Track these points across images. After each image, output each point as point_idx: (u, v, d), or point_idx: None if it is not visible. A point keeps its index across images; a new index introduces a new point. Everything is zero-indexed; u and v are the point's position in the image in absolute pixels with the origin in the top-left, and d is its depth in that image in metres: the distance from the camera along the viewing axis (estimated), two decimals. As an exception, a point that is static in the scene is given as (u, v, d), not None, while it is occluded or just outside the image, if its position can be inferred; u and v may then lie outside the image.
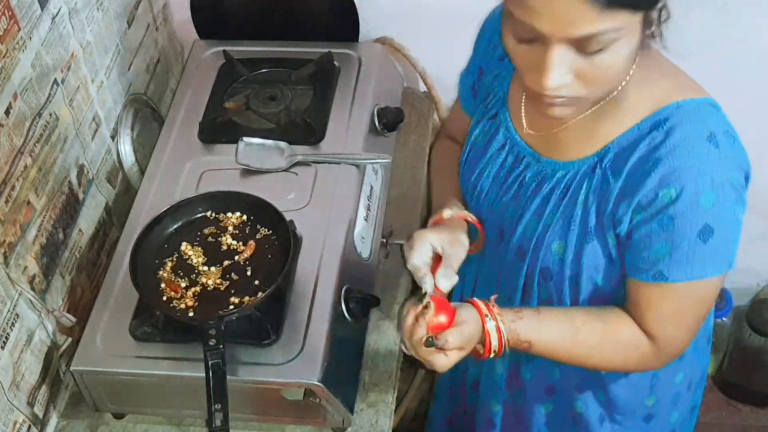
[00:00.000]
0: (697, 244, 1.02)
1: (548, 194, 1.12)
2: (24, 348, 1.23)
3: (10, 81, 1.18)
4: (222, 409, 1.10)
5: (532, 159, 1.14)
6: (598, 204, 1.07)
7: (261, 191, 1.33)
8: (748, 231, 2.04)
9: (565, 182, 1.10)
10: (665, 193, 1.00)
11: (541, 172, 1.13)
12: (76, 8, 1.37)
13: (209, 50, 1.67)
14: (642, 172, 1.01)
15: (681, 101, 1.02)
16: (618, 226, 1.05)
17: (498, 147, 1.19)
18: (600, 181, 1.06)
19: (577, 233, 1.09)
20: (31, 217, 1.25)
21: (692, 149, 0.99)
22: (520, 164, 1.16)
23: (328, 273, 1.29)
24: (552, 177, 1.11)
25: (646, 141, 1.02)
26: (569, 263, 1.12)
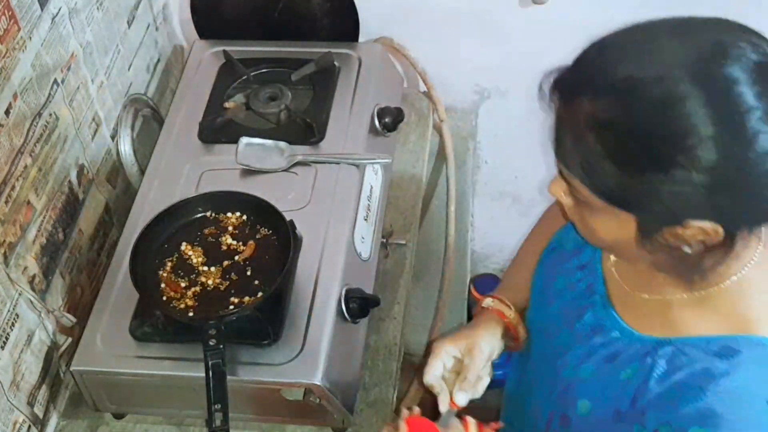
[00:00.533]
0: None
1: (597, 348, 0.99)
2: (24, 348, 1.23)
3: (10, 81, 1.18)
4: (222, 410, 1.10)
5: (600, 300, 1.01)
6: (634, 393, 0.92)
7: (261, 191, 1.33)
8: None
9: (616, 347, 0.96)
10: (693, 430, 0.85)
11: (601, 321, 1.00)
12: (76, 8, 1.36)
13: (209, 50, 1.67)
14: (684, 392, 0.87)
15: (766, 339, 0.85)
16: (641, 428, 0.91)
17: (579, 264, 1.06)
18: (647, 373, 0.91)
19: (606, 406, 0.95)
20: (31, 217, 1.25)
21: (745, 404, 0.84)
22: (588, 298, 1.02)
23: (328, 273, 1.29)
24: (608, 333, 0.98)
25: (704, 362, 0.86)
26: (591, 428, 0.98)
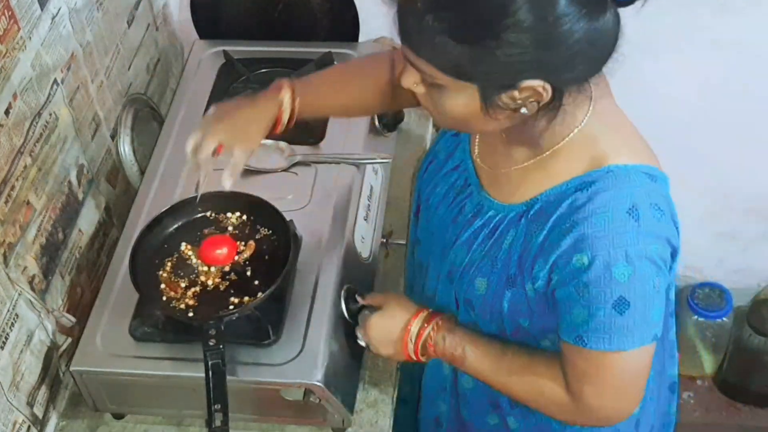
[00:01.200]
0: (614, 315, 0.99)
1: (479, 229, 1.11)
2: (24, 348, 1.23)
3: (10, 81, 1.18)
4: (222, 410, 1.10)
5: (475, 189, 1.13)
6: (520, 255, 1.05)
7: (261, 191, 1.33)
8: (748, 232, 2.07)
9: (494, 223, 1.09)
10: (578, 259, 0.98)
11: (478, 205, 1.12)
12: (76, 8, 1.36)
13: (209, 50, 1.67)
14: (560, 231, 1.00)
15: (613, 166, 1.00)
16: (535, 282, 1.04)
17: (453, 166, 1.18)
18: (524, 233, 1.05)
19: (498, 277, 1.08)
20: (30, 217, 1.25)
21: (609, 220, 0.97)
22: (465, 190, 1.15)
23: (328, 273, 1.29)
24: (485, 213, 1.10)
25: (569, 200, 1.00)
26: (490, 302, 1.10)
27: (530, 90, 0.92)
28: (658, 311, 1.01)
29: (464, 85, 0.93)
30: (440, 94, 0.96)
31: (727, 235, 2.05)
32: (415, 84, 0.98)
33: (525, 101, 0.94)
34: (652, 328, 1.01)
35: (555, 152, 1.03)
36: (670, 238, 1.01)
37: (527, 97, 0.93)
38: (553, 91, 0.93)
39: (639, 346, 1.01)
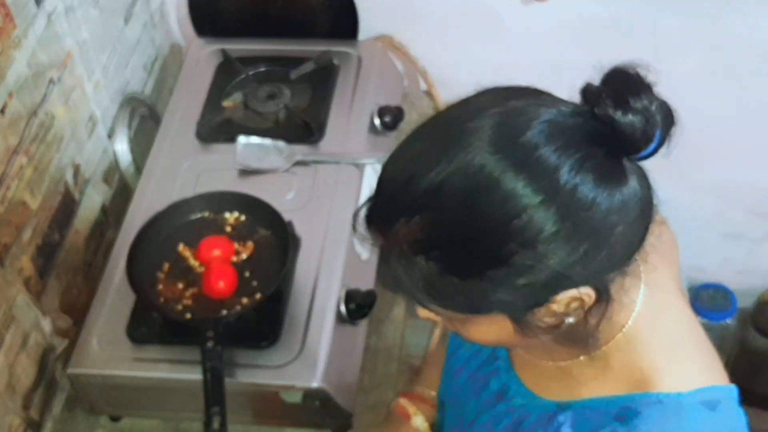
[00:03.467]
0: None
1: (502, 415, 0.96)
2: (19, 350, 1.22)
3: (5, 80, 1.17)
4: (220, 412, 1.09)
5: (503, 366, 0.98)
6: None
7: (259, 191, 1.32)
8: (753, 232, 2.06)
9: (519, 414, 0.94)
10: None
11: (504, 386, 0.97)
12: (72, 6, 1.36)
13: (207, 48, 1.66)
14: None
15: (663, 394, 0.82)
16: None
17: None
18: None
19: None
20: (26, 217, 1.24)
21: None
22: (492, 364, 1.00)
23: (328, 274, 1.28)
24: (510, 399, 0.96)
25: (606, 428, 0.83)
26: None
27: (569, 299, 0.77)
28: None
29: (487, 317, 0.79)
30: (463, 325, 0.83)
31: (732, 235, 2.05)
32: (432, 315, 0.84)
33: (567, 310, 0.78)
34: None
35: (600, 355, 0.87)
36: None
37: (568, 305, 0.77)
38: (596, 293, 0.77)
39: None
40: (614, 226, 0.74)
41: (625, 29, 1.61)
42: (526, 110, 0.74)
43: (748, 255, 2.08)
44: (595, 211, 0.72)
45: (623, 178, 0.74)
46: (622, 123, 0.71)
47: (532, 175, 0.71)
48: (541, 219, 0.71)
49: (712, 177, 1.89)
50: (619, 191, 0.73)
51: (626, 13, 1.61)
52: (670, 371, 0.83)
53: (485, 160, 0.71)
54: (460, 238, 0.73)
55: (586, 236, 0.73)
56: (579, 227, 0.72)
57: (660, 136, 0.74)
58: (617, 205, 0.73)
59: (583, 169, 0.71)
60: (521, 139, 0.72)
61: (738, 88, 1.71)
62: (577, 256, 0.73)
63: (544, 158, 0.71)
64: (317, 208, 1.36)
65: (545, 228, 0.71)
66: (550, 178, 0.71)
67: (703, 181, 1.89)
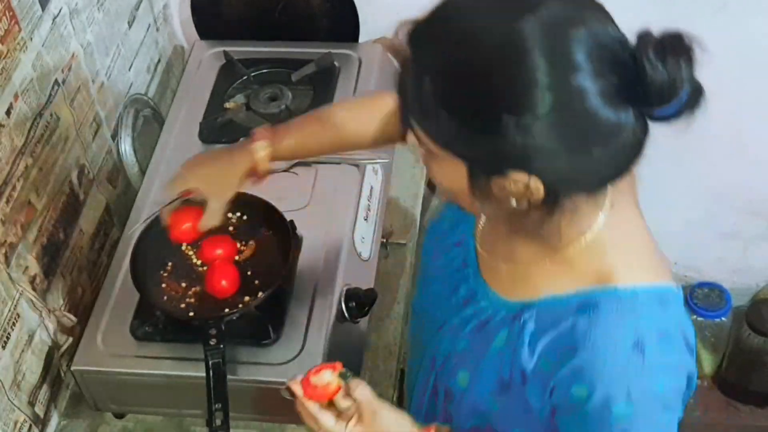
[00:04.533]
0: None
1: (469, 317, 1.01)
2: (25, 348, 1.23)
3: (11, 81, 1.18)
4: (222, 409, 1.10)
5: (472, 272, 1.03)
6: (511, 362, 0.95)
7: (261, 191, 1.33)
8: (748, 232, 2.07)
9: (486, 315, 0.99)
10: (577, 390, 0.89)
11: (472, 291, 1.02)
12: (77, 9, 1.37)
13: (209, 50, 1.67)
14: (558, 356, 0.91)
15: (621, 288, 0.89)
16: (537, 399, 0.94)
17: (455, 241, 1.09)
18: (516, 338, 0.94)
19: (486, 377, 0.97)
20: (32, 217, 1.25)
21: (611, 354, 0.88)
22: (463, 271, 1.05)
23: (328, 273, 1.29)
24: (478, 302, 1.01)
25: (569, 322, 0.90)
26: (473, 400, 1.00)
27: (520, 184, 0.82)
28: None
29: (453, 159, 0.85)
30: (433, 162, 0.89)
31: (726, 234, 2.05)
32: (417, 145, 0.91)
33: (515, 193, 0.83)
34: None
35: (561, 257, 0.93)
36: (683, 365, 0.92)
37: (517, 189, 0.83)
38: (546, 192, 0.83)
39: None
40: (594, 144, 0.80)
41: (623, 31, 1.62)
42: (588, 16, 0.80)
43: (742, 254, 2.09)
44: (586, 120, 0.78)
45: (626, 115, 0.79)
46: (650, 73, 0.76)
47: (555, 61, 0.76)
48: (539, 99, 0.76)
49: (707, 177, 1.90)
50: (618, 121, 0.78)
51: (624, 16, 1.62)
52: (626, 268, 0.91)
53: (528, 31, 0.77)
54: (467, 81, 0.79)
55: (564, 135, 0.78)
56: (564, 124, 0.78)
57: (678, 106, 0.79)
58: (606, 128, 0.78)
59: (598, 84, 0.77)
60: (567, 35, 0.77)
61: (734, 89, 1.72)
62: (548, 146, 0.79)
63: (573, 55, 0.76)
64: (318, 207, 1.37)
65: (538, 108, 0.76)
66: (568, 71, 0.76)
67: (698, 182, 1.90)
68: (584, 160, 0.81)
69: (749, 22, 1.64)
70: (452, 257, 1.08)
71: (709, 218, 2.01)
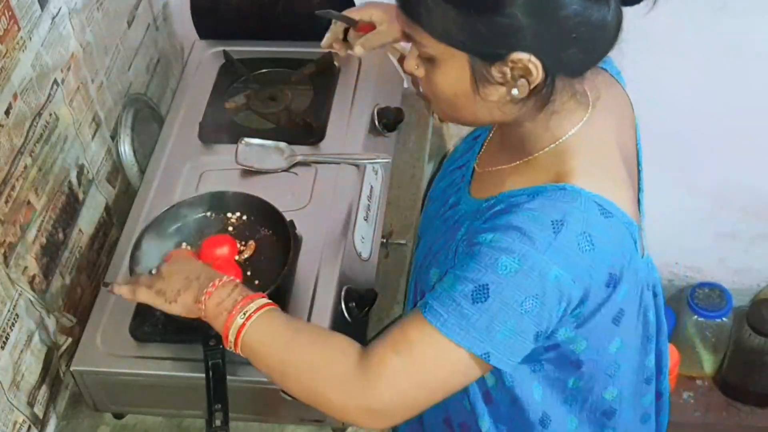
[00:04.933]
0: (467, 298, 0.91)
1: (447, 220, 1.10)
2: (24, 348, 1.23)
3: (10, 81, 1.18)
4: (222, 410, 1.10)
5: (463, 186, 1.12)
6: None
7: (261, 191, 1.33)
8: (749, 232, 2.07)
9: (458, 215, 1.07)
10: (485, 235, 0.94)
11: (457, 199, 1.11)
12: (76, 8, 1.37)
13: (209, 50, 1.67)
14: (491, 218, 0.97)
15: (571, 186, 0.95)
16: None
17: (459, 165, 1.19)
18: (470, 225, 1.02)
19: (446, 268, 1.01)
20: (31, 217, 1.25)
21: (531, 219, 0.92)
22: (458, 185, 1.14)
23: (328, 273, 1.29)
24: (459, 207, 1.09)
25: (516, 202, 0.97)
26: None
27: (520, 64, 0.90)
28: (509, 327, 0.91)
29: (454, 54, 0.92)
30: (434, 70, 0.95)
31: (727, 235, 2.05)
32: (416, 66, 0.98)
33: (515, 77, 0.92)
34: (491, 343, 0.91)
35: (532, 159, 1.02)
36: (585, 278, 0.93)
37: (518, 72, 0.91)
38: (545, 74, 0.91)
39: (466, 347, 0.91)
40: (581, 24, 0.88)
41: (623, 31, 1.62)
42: None
43: (743, 254, 2.10)
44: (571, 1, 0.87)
45: (606, 4, 0.89)
46: None
47: None
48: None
49: (708, 178, 1.90)
50: (597, 5, 0.88)
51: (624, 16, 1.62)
52: (582, 175, 0.96)
53: None
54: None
55: (556, 13, 0.87)
56: (556, 4, 0.87)
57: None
58: (590, 12, 0.88)
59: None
60: None
61: (733, 89, 1.72)
62: (543, 24, 0.87)
63: None
64: (318, 207, 1.37)
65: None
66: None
67: (699, 182, 1.91)
68: (571, 38, 0.89)
69: (749, 22, 1.64)
70: (453, 178, 1.17)
71: (709, 218, 2.01)
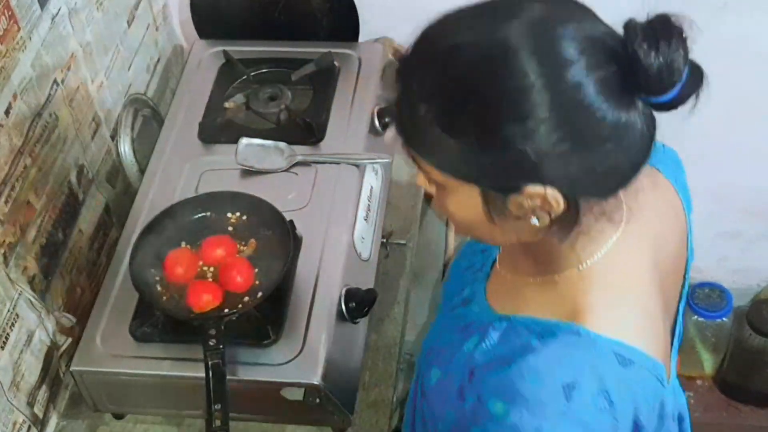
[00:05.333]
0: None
1: (457, 318, 1.01)
2: (24, 348, 1.23)
3: (10, 81, 1.18)
4: (222, 410, 1.10)
5: (481, 277, 1.03)
6: (471, 367, 0.92)
7: (261, 191, 1.33)
8: (749, 232, 2.07)
9: (470, 319, 0.98)
10: (494, 403, 0.84)
11: (472, 293, 1.02)
12: (76, 8, 1.36)
13: (209, 50, 1.67)
14: (496, 365, 0.87)
15: (585, 330, 0.84)
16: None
17: (482, 248, 1.08)
18: (478, 344, 0.92)
19: (451, 378, 0.94)
20: (31, 217, 1.25)
21: (541, 384, 0.83)
22: (476, 273, 1.04)
23: (328, 273, 1.29)
24: (470, 305, 1.00)
25: (525, 340, 0.87)
26: (435, 401, 0.97)
27: (538, 197, 0.79)
28: None
29: (465, 186, 0.82)
30: (445, 195, 0.86)
31: (727, 234, 2.05)
32: (427, 184, 0.88)
33: (534, 208, 0.80)
34: None
35: (552, 281, 0.90)
36: (599, 428, 0.83)
37: (534, 203, 0.79)
38: (566, 203, 0.79)
39: None
40: (604, 140, 0.76)
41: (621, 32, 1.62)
42: (572, 13, 0.78)
43: (743, 254, 2.09)
44: (589, 115, 0.75)
45: (630, 107, 0.76)
46: (645, 60, 0.74)
47: (545, 60, 0.74)
48: (537, 100, 0.74)
49: (708, 177, 1.90)
50: (621, 114, 0.75)
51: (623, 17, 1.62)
52: (601, 316, 0.85)
53: (513, 37, 0.75)
54: (461, 98, 0.77)
55: (571, 135, 0.75)
56: (568, 123, 0.75)
57: (680, 89, 0.76)
58: (613, 122, 0.75)
59: (594, 76, 0.74)
60: (553, 33, 0.76)
61: (733, 89, 1.72)
62: (557, 150, 0.75)
63: (564, 50, 0.75)
64: (318, 207, 1.37)
65: (538, 110, 0.74)
66: (561, 68, 0.74)
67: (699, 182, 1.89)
68: (595, 158, 0.77)
69: (749, 22, 1.64)
70: (475, 261, 1.07)
71: (709, 218, 2.00)
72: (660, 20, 0.76)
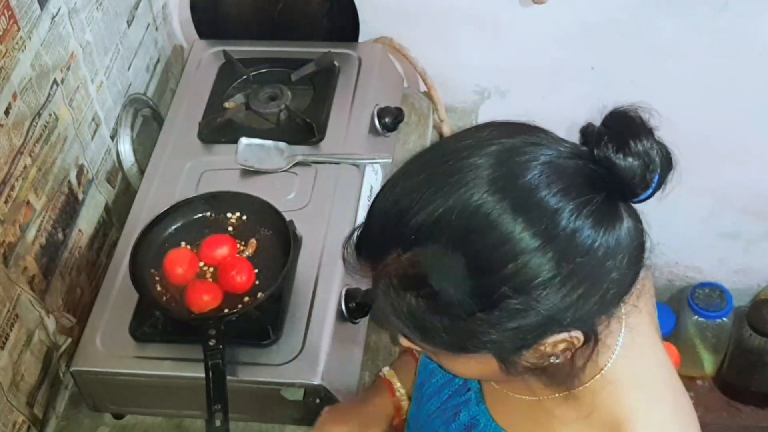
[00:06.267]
0: None
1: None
2: (23, 348, 1.23)
3: (10, 81, 1.18)
4: (222, 410, 1.10)
5: (474, 398, 0.94)
6: None
7: (261, 191, 1.33)
8: (749, 232, 2.07)
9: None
10: None
11: (474, 420, 0.93)
12: (76, 8, 1.36)
13: (209, 50, 1.67)
14: None
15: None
16: None
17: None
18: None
19: None
20: (30, 217, 1.25)
21: None
22: (463, 395, 0.96)
23: (328, 273, 1.29)
24: (473, 428, 0.93)
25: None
26: None
27: (558, 342, 0.75)
28: None
29: (476, 356, 0.76)
30: (449, 360, 0.80)
31: (727, 235, 2.05)
32: (416, 348, 0.81)
33: (555, 352, 0.76)
34: None
35: (577, 394, 0.83)
36: None
37: (555, 348, 0.75)
38: (585, 335, 0.75)
39: None
40: (609, 271, 0.72)
41: (623, 32, 1.62)
42: (525, 150, 0.72)
43: (743, 254, 2.09)
44: (593, 256, 0.71)
45: (619, 221, 0.72)
46: (622, 167, 0.70)
47: (531, 219, 0.69)
48: (537, 264, 0.69)
49: (708, 177, 1.90)
50: (616, 234, 0.72)
51: (624, 17, 1.62)
52: (643, 415, 0.81)
53: (483, 200, 0.69)
54: (451, 275, 0.70)
55: (581, 281, 0.71)
56: (575, 273, 0.70)
57: (658, 180, 0.73)
58: (613, 249, 0.72)
59: (583, 214, 0.70)
60: (521, 181, 0.70)
61: (734, 89, 1.72)
62: (570, 301, 0.71)
63: (544, 201, 0.69)
64: (318, 207, 1.37)
65: (541, 274, 0.69)
66: (550, 222, 0.69)
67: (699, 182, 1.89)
68: (603, 286, 0.73)
69: (749, 22, 1.64)
70: (451, 376, 0.97)
71: (709, 218, 2.01)
72: (619, 119, 0.72)
